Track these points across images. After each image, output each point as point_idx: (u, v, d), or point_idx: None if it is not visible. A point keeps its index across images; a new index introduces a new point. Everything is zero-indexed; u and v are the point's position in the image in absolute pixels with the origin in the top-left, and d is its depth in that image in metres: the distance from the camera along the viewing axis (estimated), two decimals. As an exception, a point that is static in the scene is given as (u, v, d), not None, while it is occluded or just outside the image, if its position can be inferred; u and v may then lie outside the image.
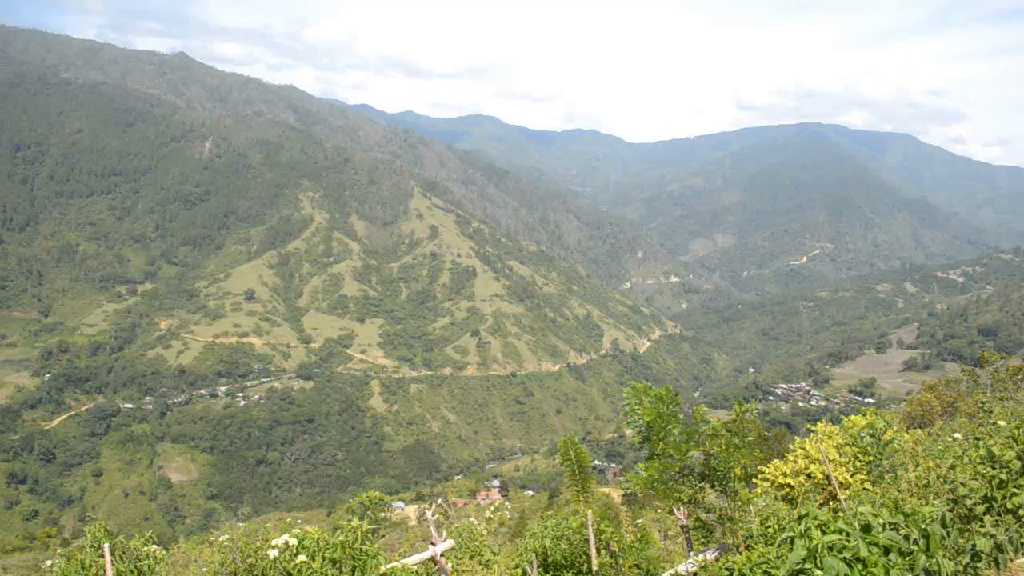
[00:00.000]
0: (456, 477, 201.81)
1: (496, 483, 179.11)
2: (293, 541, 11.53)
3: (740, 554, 11.91)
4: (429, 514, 15.43)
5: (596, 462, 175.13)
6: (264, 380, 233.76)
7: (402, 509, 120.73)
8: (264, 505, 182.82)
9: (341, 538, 11.91)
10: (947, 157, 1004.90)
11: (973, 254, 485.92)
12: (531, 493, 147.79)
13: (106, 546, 11.32)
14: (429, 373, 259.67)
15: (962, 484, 9.77)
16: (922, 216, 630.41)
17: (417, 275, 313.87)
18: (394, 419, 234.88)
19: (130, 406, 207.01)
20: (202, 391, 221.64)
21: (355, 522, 12.06)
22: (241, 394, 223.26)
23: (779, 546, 7.05)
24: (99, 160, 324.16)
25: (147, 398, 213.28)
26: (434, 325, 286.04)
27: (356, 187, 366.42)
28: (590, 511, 14.23)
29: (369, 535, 12.25)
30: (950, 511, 9.00)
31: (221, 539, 12.47)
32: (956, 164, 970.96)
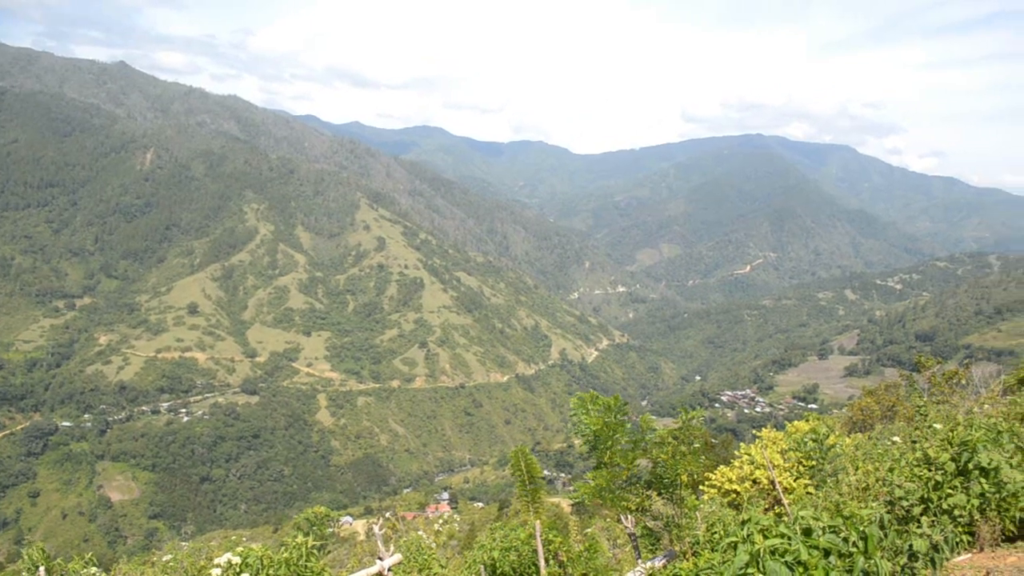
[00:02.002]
0: (405, 490, 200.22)
1: (445, 496, 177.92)
2: (236, 559, 11.30)
3: (687, 561, 12.02)
4: (376, 529, 15.29)
5: (546, 472, 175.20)
6: (208, 395, 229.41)
7: (350, 524, 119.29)
8: (208, 523, 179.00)
9: (286, 555, 11.72)
10: (884, 168, 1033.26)
11: (910, 262, 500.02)
12: (481, 505, 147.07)
13: (42, 569, 10.99)
14: (377, 386, 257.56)
15: (899, 486, 10.00)
16: (861, 225, 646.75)
17: (364, 287, 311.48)
18: (342, 433, 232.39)
19: (68, 424, 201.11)
20: (143, 408, 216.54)
21: (300, 538, 11.87)
22: (184, 410, 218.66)
23: (723, 552, 7.13)
24: (35, 171, 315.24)
25: (86, 416, 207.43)
26: (382, 337, 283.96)
27: (302, 198, 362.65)
28: (538, 521, 14.23)
29: (315, 551, 12.07)
30: (888, 513, 9.20)
31: (164, 559, 12.22)
32: (893, 175, 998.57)
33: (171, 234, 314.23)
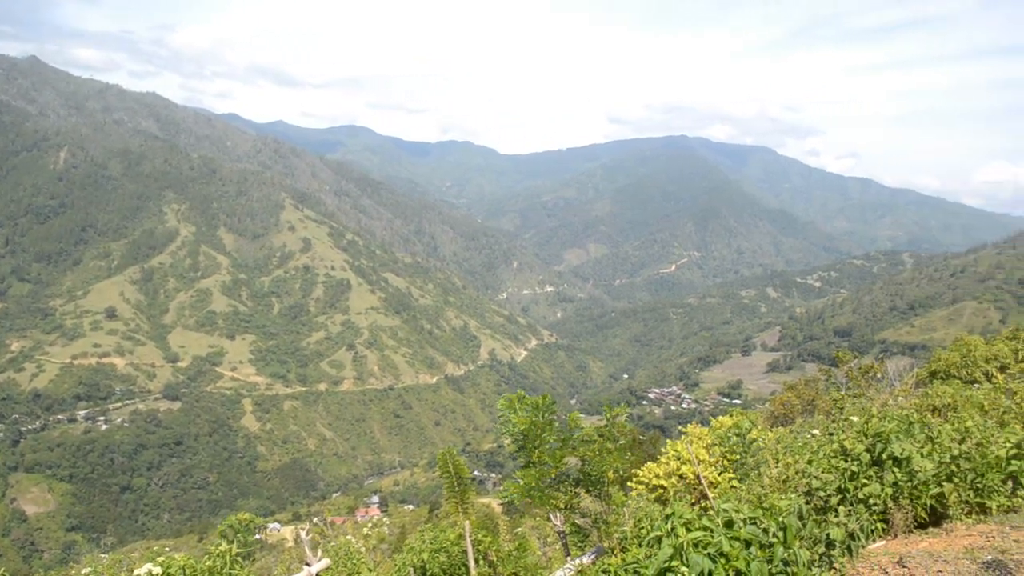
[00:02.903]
0: (334, 495, 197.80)
1: (375, 499, 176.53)
2: (157, 570, 11.01)
3: (615, 556, 12.16)
4: (304, 534, 15.07)
5: (476, 473, 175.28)
6: (128, 402, 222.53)
7: (278, 531, 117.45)
8: (130, 534, 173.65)
9: (209, 563, 11.47)
10: (803, 169, 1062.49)
11: (828, 260, 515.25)
12: (411, 507, 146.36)
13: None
14: (304, 389, 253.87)
15: (816, 478, 10.31)
16: (781, 225, 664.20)
17: (290, 289, 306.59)
18: (268, 438, 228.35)
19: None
20: (59, 416, 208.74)
21: (224, 546, 11.64)
22: (102, 418, 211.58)
23: (648, 546, 7.25)
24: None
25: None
26: (308, 340, 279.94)
27: (224, 199, 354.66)
28: (468, 522, 14.23)
29: (239, 559, 11.84)
30: (807, 503, 9.48)
31: (83, 572, 11.82)
32: (811, 176, 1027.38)
33: (87, 236, 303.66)
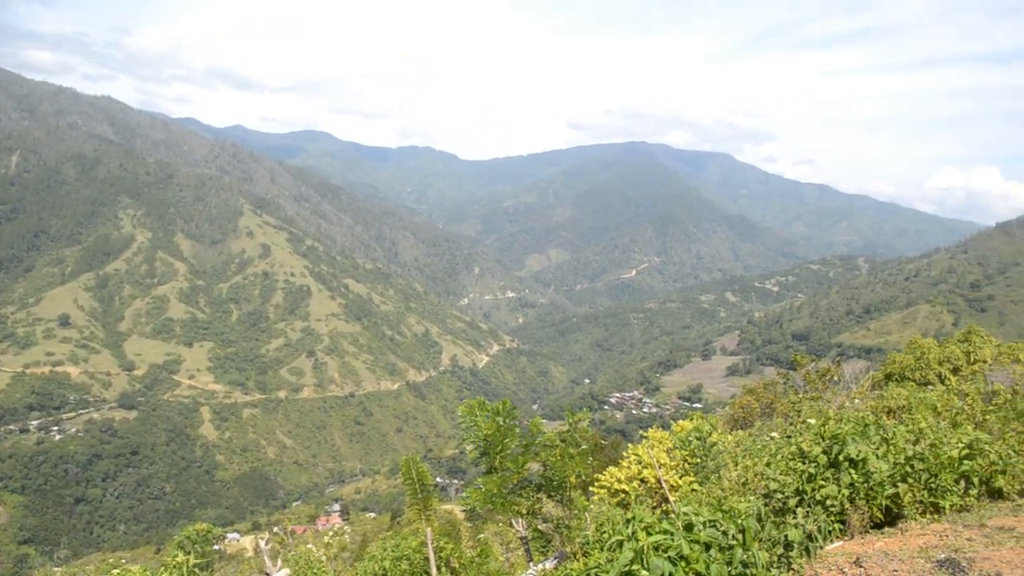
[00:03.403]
0: (295, 504, 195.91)
1: (336, 507, 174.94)
2: (113, 582, 10.81)
3: (577, 561, 12.19)
4: (264, 544, 14.90)
5: (438, 479, 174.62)
6: (82, 411, 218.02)
7: (237, 541, 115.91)
8: (84, 547, 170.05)
9: (166, 575, 11.28)
10: (761, 175, 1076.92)
11: (786, 265, 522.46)
12: (373, 515, 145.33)
13: None
14: (263, 397, 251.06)
15: (773, 480, 10.45)
16: (740, 230, 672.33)
17: (248, 295, 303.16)
18: (227, 446, 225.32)
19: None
20: (11, 426, 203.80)
21: (181, 557, 11.46)
22: (56, 428, 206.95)
23: (609, 550, 7.29)
24: None
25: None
26: (267, 347, 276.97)
27: (181, 204, 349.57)
28: (430, 529, 14.17)
29: (197, 570, 11.67)
30: (766, 506, 9.60)
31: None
32: (769, 181, 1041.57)
33: (39, 242, 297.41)
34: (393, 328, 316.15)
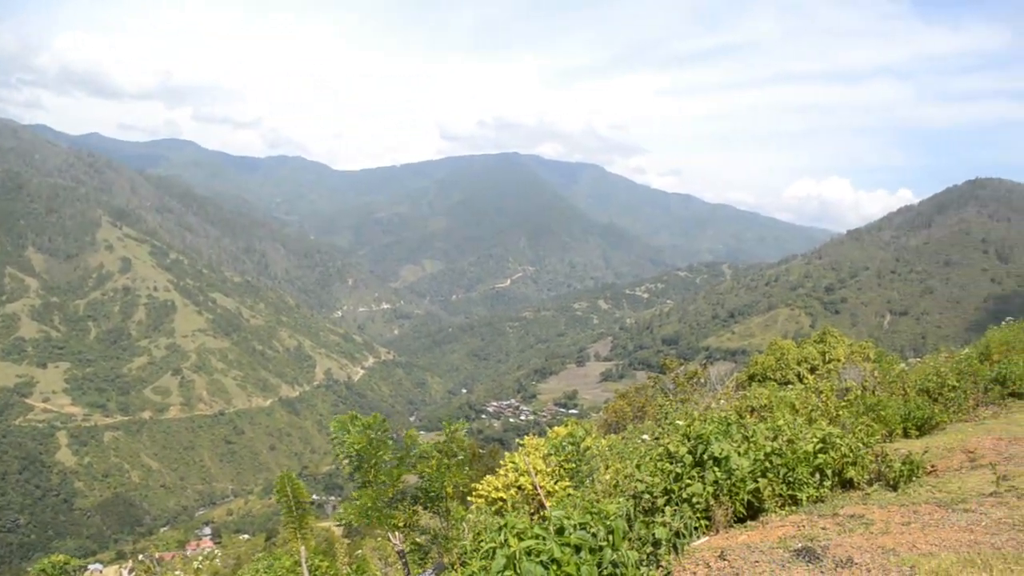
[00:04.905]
0: (162, 529, 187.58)
1: (208, 530, 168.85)
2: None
3: (455, 571, 12.20)
4: (127, 573, 14.26)
5: (315, 496, 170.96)
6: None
7: (100, 571, 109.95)
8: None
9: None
10: (630, 186, 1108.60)
11: (655, 272, 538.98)
12: (247, 537, 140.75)
13: None
14: (126, 418, 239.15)
15: (641, 480, 10.79)
16: (611, 239, 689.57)
17: (108, 312, 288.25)
18: (87, 472, 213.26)
19: None
20: None
21: (35, 591, 10.81)
22: None
23: (482, 558, 7.35)
24: None
25: None
26: (130, 366, 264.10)
27: (32, 216, 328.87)
28: (304, 547, 13.87)
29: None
30: (635, 506, 9.90)
31: None
32: (638, 192, 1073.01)
33: None
34: (264, 343, 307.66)
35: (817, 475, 11.71)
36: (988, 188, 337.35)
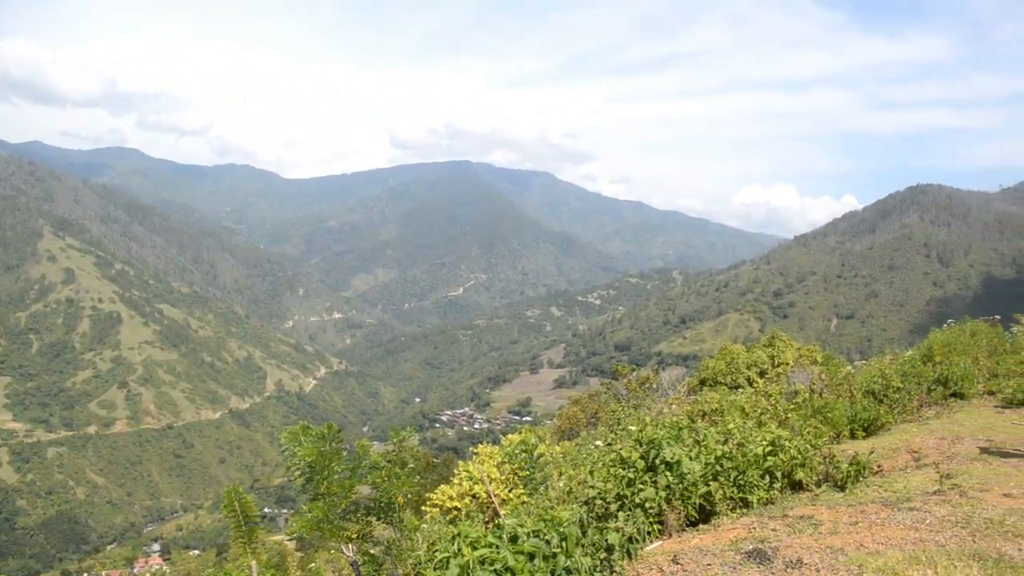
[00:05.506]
0: (109, 547, 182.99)
1: (156, 547, 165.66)
2: None
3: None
4: (70, 591, 13.87)
5: (266, 509, 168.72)
6: None
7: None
8: None
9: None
10: (582, 193, 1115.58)
11: (607, 279, 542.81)
12: (197, 552, 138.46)
13: None
14: (70, 434, 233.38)
15: (592, 487, 10.82)
16: (563, 247, 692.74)
17: (51, 324, 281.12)
18: (29, 490, 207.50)
19: None
20: None
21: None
22: None
23: (436, 568, 7.29)
24: None
25: None
26: (74, 379, 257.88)
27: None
28: (254, 562, 13.65)
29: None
30: (588, 512, 9.92)
31: None
32: (589, 199, 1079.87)
33: None
34: (213, 354, 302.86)
35: (767, 477, 11.86)
36: (929, 194, 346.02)
